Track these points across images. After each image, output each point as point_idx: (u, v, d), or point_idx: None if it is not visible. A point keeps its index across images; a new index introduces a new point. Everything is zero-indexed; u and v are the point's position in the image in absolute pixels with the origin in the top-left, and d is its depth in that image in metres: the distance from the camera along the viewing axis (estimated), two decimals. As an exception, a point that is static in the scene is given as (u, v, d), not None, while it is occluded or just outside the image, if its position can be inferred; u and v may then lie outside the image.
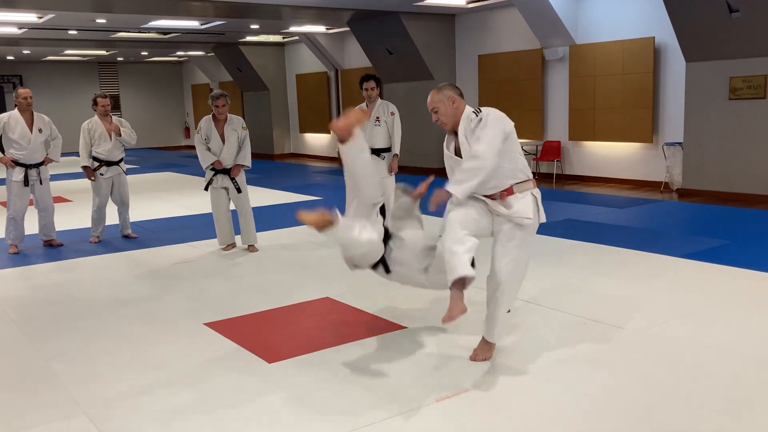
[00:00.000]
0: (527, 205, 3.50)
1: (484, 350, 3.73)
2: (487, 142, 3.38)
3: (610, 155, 10.93)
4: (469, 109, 3.59)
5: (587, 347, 3.86)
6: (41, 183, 7.09)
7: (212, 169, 6.55)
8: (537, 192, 3.60)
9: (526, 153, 11.74)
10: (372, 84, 6.50)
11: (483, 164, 3.36)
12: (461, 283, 3.42)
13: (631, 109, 10.28)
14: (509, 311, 3.71)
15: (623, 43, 10.23)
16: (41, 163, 7.08)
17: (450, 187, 3.38)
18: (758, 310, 4.39)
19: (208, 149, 6.50)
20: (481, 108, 3.56)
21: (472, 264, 3.43)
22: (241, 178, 6.65)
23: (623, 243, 6.38)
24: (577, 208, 8.46)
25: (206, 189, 6.66)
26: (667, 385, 3.33)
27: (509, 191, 3.51)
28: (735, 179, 8.95)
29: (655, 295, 4.80)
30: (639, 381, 3.39)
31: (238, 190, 6.61)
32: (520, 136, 3.79)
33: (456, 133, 3.62)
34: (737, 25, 8.36)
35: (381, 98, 6.71)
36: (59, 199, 10.51)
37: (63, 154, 8.15)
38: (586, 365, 3.61)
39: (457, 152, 3.61)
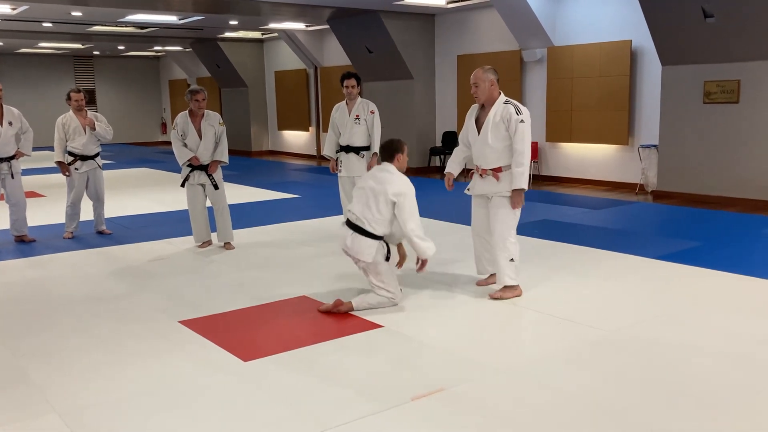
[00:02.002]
0: (510, 180, 4.65)
1: (506, 291, 4.76)
2: (527, 142, 4.59)
3: (586, 157, 11.03)
4: (503, 98, 4.70)
5: (562, 346, 3.89)
6: (12, 177, 6.98)
7: (189, 165, 6.49)
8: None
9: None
10: (353, 82, 6.49)
11: (526, 158, 4.59)
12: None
13: (608, 111, 10.39)
14: (512, 260, 4.69)
15: (601, 45, 10.33)
16: (12, 157, 6.97)
17: (521, 186, 4.59)
18: (730, 311, 4.46)
19: (185, 145, 6.43)
20: (520, 108, 4.63)
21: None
22: (218, 174, 6.59)
23: (598, 244, 6.45)
24: (553, 209, 8.53)
25: (183, 185, 6.60)
26: (640, 384, 3.37)
27: (499, 170, 4.66)
28: (708, 182, 9.09)
29: (629, 295, 4.86)
30: (613, 380, 3.43)
31: (215, 187, 6.55)
32: None
33: (483, 107, 4.77)
34: (712, 30, 8.49)
35: (361, 96, 6.70)
36: (32, 194, 10.35)
37: (36, 149, 8.04)
38: (561, 364, 3.64)
39: (477, 122, 4.80)
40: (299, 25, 14.74)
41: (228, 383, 3.49)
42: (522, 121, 4.56)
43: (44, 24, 13.68)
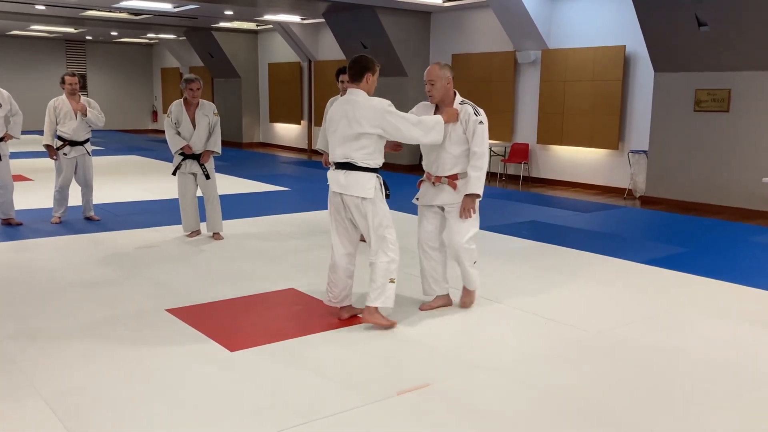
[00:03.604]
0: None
1: (468, 296, 4.56)
2: (485, 145, 4.24)
3: (576, 160, 11.09)
4: (459, 98, 4.29)
5: (547, 346, 3.93)
6: (0, 159, 6.92)
7: (181, 154, 6.47)
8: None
9: (495, 154, 11.84)
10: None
11: (486, 162, 4.24)
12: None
13: (599, 116, 10.45)
14: (476, 262, 4.42)
15: (595, 50, 10.38)
16: (1, 139, 6.91)
17: (477, 191, 4.21)
18: (712, 316, 4.51)
19: (178, 133, 6.41)
20: (478, 108, 4.27)
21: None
22: (210, 164, 6.58)
23: (586, 246, 6.49)
24: (542, 211, 8.57)
25: (174, 174, 6.58)
26: (622, 385, 3.41)
27: (456, 177, 4.29)
28: (696, 189, 9.17)
29: (614, 298, 4.90)
30: (595, 380, 3.46)
31: (207, 177, 6.54)
32: (489, 137, 4.35)
33: (437, 108, 4.32)
34: (705, 38, 8.56)
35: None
36: (20, 178, 10.27)
37: (25, 132, 7.98)
38: (546, 364, 3.67)
39: None
40: (294, 18, 14.70)
41: (214, 373, 3.50)
42: (481, 122, 4.20)
43: (37, 6, 13.55)
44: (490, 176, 11.95)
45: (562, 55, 10.83)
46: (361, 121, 3.96)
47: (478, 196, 4.22)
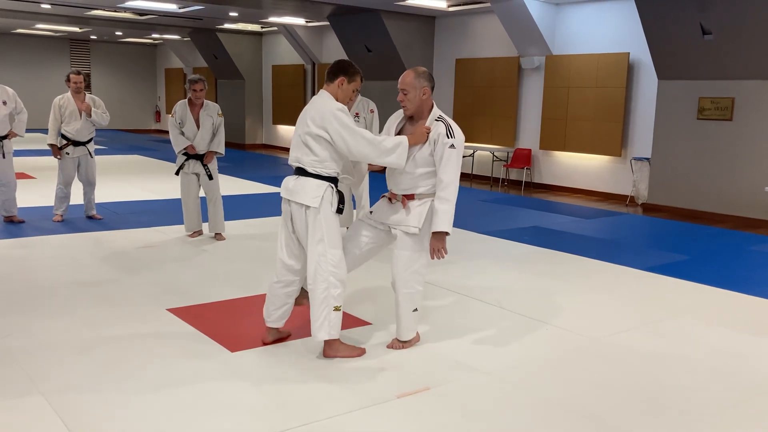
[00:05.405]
0: (421, 214, 3.70)
1: (406, 343, 3.93)
2: (456, 173, 3.67)
3: (579, 166, 11.10)
4: (436, 113, 3.75)
5: (547, 351, 3.93)
6: (4, 157, 6.94)
7: (184, 154, 6.48)
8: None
9: (497, 159, 11.85)
10: (356, 80, 6.47)
11: (454, 192, 3.66)
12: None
13: (602, 122, 10.46)
14: (416, 310, 3.84)
15: (599, 56, 10.39)
16: (5, 137, 6.93)
17: (445, 228, 3.62)
18: (712, 324, 4.51)
19: (182, 133, 6.43)
20: (453, 128, 3.69)
21: None
22: (213, 165, 6.59)
23: (587, 253, 6.49)
24: (543, 216, 8.57)
25: (177, 173, 6.59)
26: (619, 391, 3.41)
27: (411, 197, 3.75)
28: (698, 197, 9.17)
29: (614, 304, 4.90)
30: (593, 386, 3.46)
31: (210, 177, 6.55)
32: (492, 143, 4.10)
33: (411, 120, 3.79)
34: (709, 47, 8.57)
35: (360, 95, 6.69)
36: (22, 176, 10.28)
37: (29, 130, 7.99)
38: (545, 369, 3.67)
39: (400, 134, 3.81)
40: (299, 21, 14.72)
41: (214, 372, 3.50)
42: (452, 146, 3.61)
43: (43, 5, 13.58)
44: (493, 181, 11.97)
45: (565, 62, 10.84)
46: (308, 121, 3.58)
47: (446, 233, 3.65)
